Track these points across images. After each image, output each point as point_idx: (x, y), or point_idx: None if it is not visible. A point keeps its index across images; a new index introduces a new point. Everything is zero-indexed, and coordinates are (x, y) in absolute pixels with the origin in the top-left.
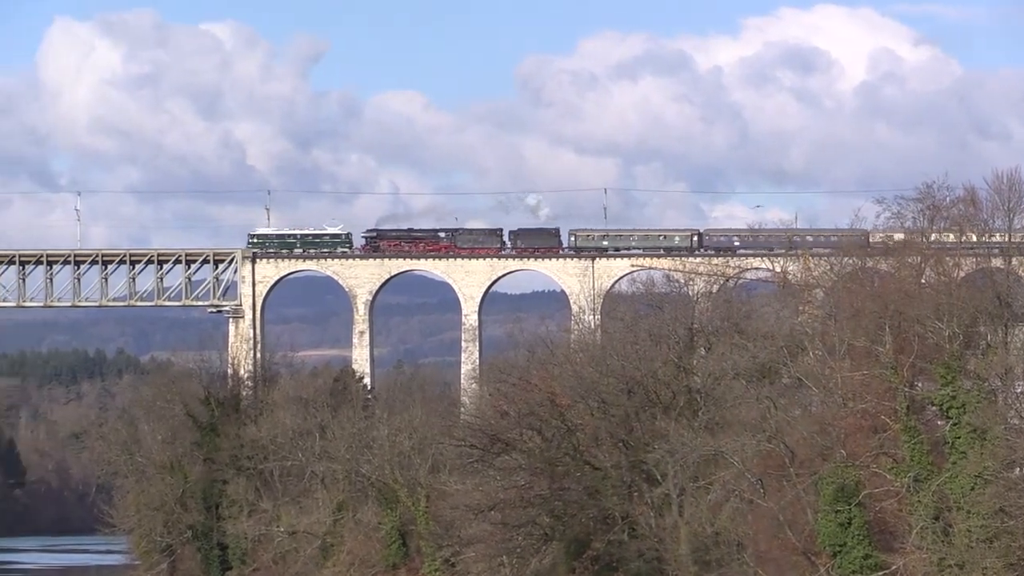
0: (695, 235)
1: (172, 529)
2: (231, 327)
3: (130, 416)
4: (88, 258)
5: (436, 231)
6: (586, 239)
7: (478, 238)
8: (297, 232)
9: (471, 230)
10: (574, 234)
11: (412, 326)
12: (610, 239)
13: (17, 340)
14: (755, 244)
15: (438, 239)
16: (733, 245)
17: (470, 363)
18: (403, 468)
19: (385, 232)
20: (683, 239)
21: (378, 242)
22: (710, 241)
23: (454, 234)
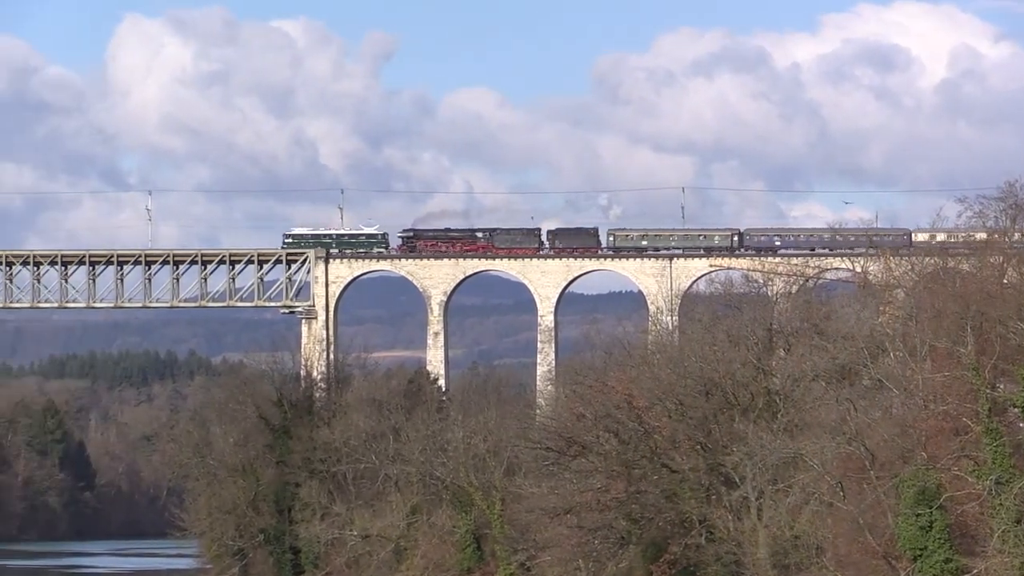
0: (735, 235)
1: (244, 533)
2: (304, 328)
3: (201, 418)
4: (159, 258)
5: (473, 231)
6: (625, 239)
7: (515, 238)
8: (333, 232)
9: (508, 230)
10: (612, 234)
11: (487, 327)
12: (649, 239)
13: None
14: (795, 244)
15: (475, 239)
16: (773, 245)
17: (546, 364)
18: (478, 471)
19: (421, 232)
20: (723, 239)
21: (414, 242)
22: (750, 241)
23: (491, 234)
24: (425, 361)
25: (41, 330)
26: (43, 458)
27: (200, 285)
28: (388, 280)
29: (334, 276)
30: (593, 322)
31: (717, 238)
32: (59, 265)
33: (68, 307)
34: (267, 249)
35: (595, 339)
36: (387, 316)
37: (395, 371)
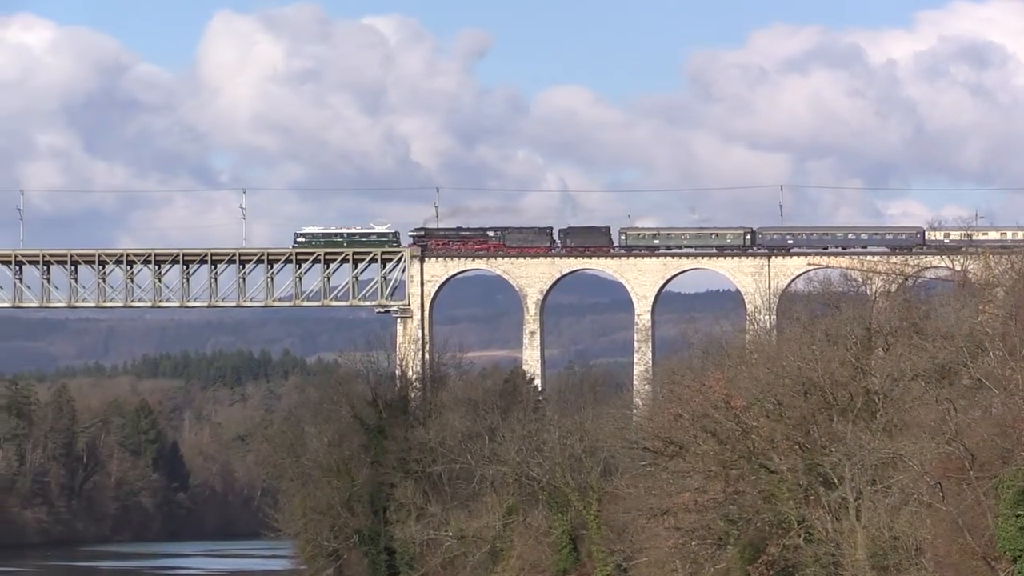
0: (748, 233)
1: (339, 533)
2: (399, 327)
3: (296, 418)
4: (253, 257)
5: (485, 230)
6: (637, 237)
7: (527, 237)
8: (344, 231)
9: (520, 229)
10: (625, 232)
11: (584, 326)
12: (661, 237)
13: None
14: (808, 243)
15: (487, 238)
16: (786, 244)
17: (643, 364)
18: (574, 471)
19: (432, 231)
20: (735, 237)
21: (426, 241)
22: (763, 239)
23: (503, 233)
24: (521, 361)
25: (134, 329)
26: (136, 458)
27: (294, 284)
28: (484, 279)
29: (429, 275)
30: (690, 321)
31: (730, 237)
32: (152, 264)
33: (161, 306)
34: (362, 248)
35: (692, 338)
36: (483, 315)
37: (491, 371)
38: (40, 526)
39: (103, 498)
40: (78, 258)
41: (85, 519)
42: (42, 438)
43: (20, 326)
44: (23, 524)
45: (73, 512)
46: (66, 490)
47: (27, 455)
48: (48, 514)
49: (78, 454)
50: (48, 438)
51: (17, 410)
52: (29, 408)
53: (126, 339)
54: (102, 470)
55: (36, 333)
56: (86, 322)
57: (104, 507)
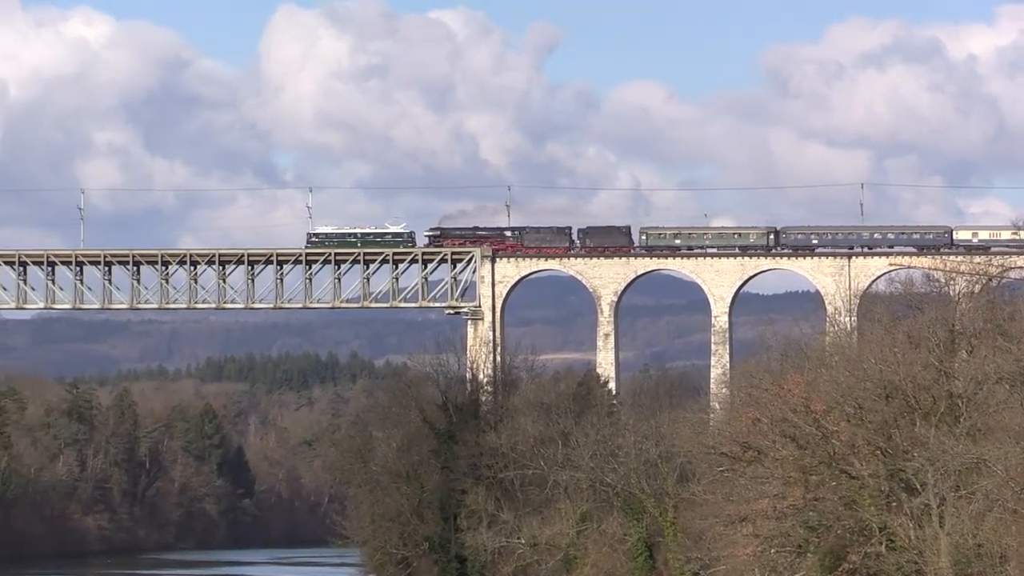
0: (771, 233)
1: (408, 541)
2: (470, 329)
3: (364, 423)
4: (320, 257)
5: (502, 229)
6: (657, 237)
7: (545, 237)
8: (357, 231)
9: (538, 228)
10: (645, 232)
11: (659, 328)
12: (682, 237)
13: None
14: (833, 243)
15: (504, 238)
16: (810, 244)
17: (720, 367)
18: (650, 477)
19: (449, 231)
20: (758, 237)
21: (441, 241)
22: (787, 239)
23: (521, 233)
24: (595, 363)
25: (198, 331)
26: (200, 464)
27: (362, 285)
28: (557, 280)
29: (501, 275)
30: (768, 323)
31: (753, 237)
32: (216, 264)
33: (226, 308)
34: (431, 248)
35: (771, 340)
36: (556, 317)
37: (564, 374)
38: (102, 533)
39: (166, 505)
40: (140, 258)
41: (148, 526)
42: (104, 443)
43: (81, 328)
44: (84, 531)
45: (135, 519)
46: (128, 496)
47: (88, 461)
48: (110, 521)
49: (140, 459)
50: (110, 443)
51: (78, 415)
52: (90, 413)
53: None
54: (165, 476)
55: (97, 335)
56: (148, 324)
57: (167, 514)
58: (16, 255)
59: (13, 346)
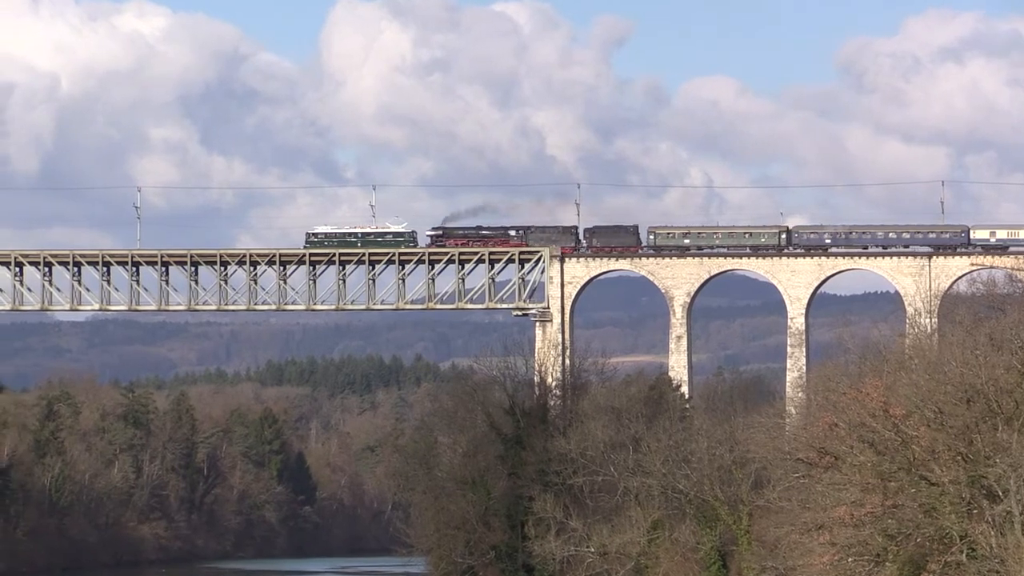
0: (784, 232)
1: (474, 549)
2: (538, 331)
3: (428, 428)
4: (383, 258)
5: (506, 229)
6: (666, 237)
7: (551, 236)
8: (358, 231)
9: (543, 228)
10: (653, 231)
11: (733, 330)
12: (692, 237)
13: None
14: (847, 242)
15: (508, 237)
16: (823, 243)
17: (796, 370)
18: (724, 483)
19: (452, 230)
20: (770, 237)
21: (444, 241)
22: (799, 239)
23: (526, 232)
24: (667, 366)
25: (258, 333)
26: (260, 470)
27: (428, 286)
28: (628, 280)
29: (570, 276)
30: (846, 325)
31: (764, 236)
32: (277, 265)
33: (287, 309)
34: (499, 247)
35: (848, 343)
36: (626, 319)
37: (635, 377)
38: (158, 542)
39: (225, 512)
40: (198, 258)
41: (205, 534)
42: (160, 449)
43: (137, 330)
44: (140, 540)
45: (193, 527)
46: (186, 504)
47: (145, 467)
48: (167, 529)
49: (198, 466)
50: (167, 449)
51: (134, 419)
52: (147, 417)
53: (249, 344)
54: (224, 483)
55: (154, 338)
56: (207, 326)
57: (226, 522)
58: (70, 255)
59: (67, 348)
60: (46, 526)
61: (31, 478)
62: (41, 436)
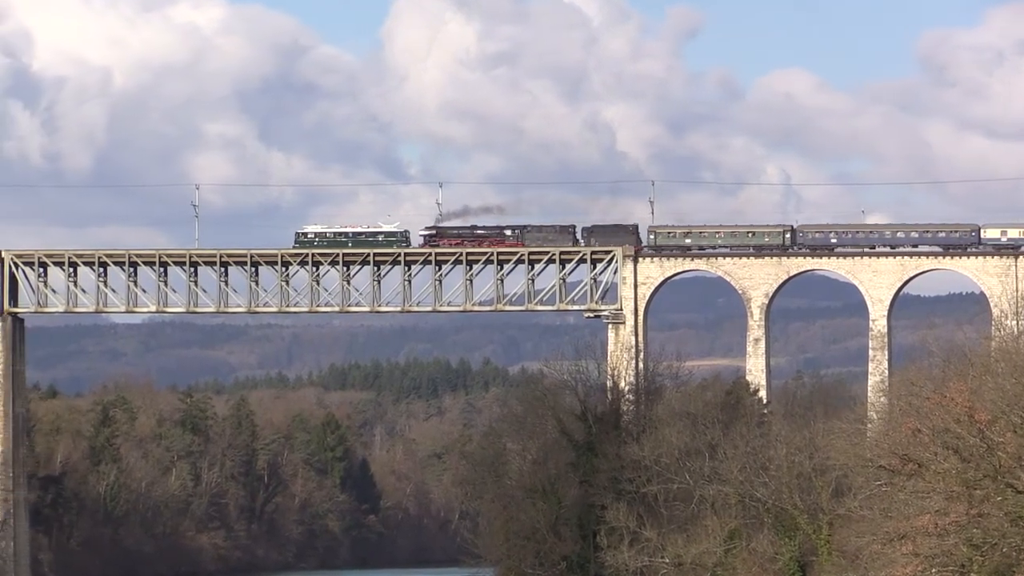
0: (788, 232)
1: (544, 560)
2: (610, 334)
3: (497, 434)
4: (450, 258)
5: (501, 228)
6: (667, 236)
7: (548, 235)
8: (349, 230)
9: (540, 227)
10: (653, 231)
11: (813, 332)
12: (693, 236)
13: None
14: (853, 242)
15: (504, 237)
16: (829, 243)
17: (878, 374)
18: (803, 492)
19: (445, 230)
20: (774, 236)
21: (437, 241)
22: (804, 239)
23: (522, 231)
24: (744, 370)
25: (320, 336)
26: (323, 478)
27: (496, 287)
28: (704, 281)
29: (644, 276)
30: (930, 327)
31: (767, 236)
32: (340, 265)
33: (350, 311)
34: (569, 247)
35: (932, 346)
36: (702, 321)
37: (711, 381)
38: (217, 552)
39: (286, 521)
40: (259, 258)
41: (266, 544)
42: (219, 456)
43: (196, 333)
44: (198, 550)
45: (253, 537)
46: (246, 512)
47: (203, 474)
48: (226, 539)
49: (259, 473)
50: (226, 456)
51: (192, 425)
52: (206, 423)
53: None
54: (285, 491)
55: (213, 341)
56: (267, 328)
57: (287, 531)
58: (126, 255)
59: (123, 352)
60: (101, 536)
61: (85, 486)
62: (96, 443)
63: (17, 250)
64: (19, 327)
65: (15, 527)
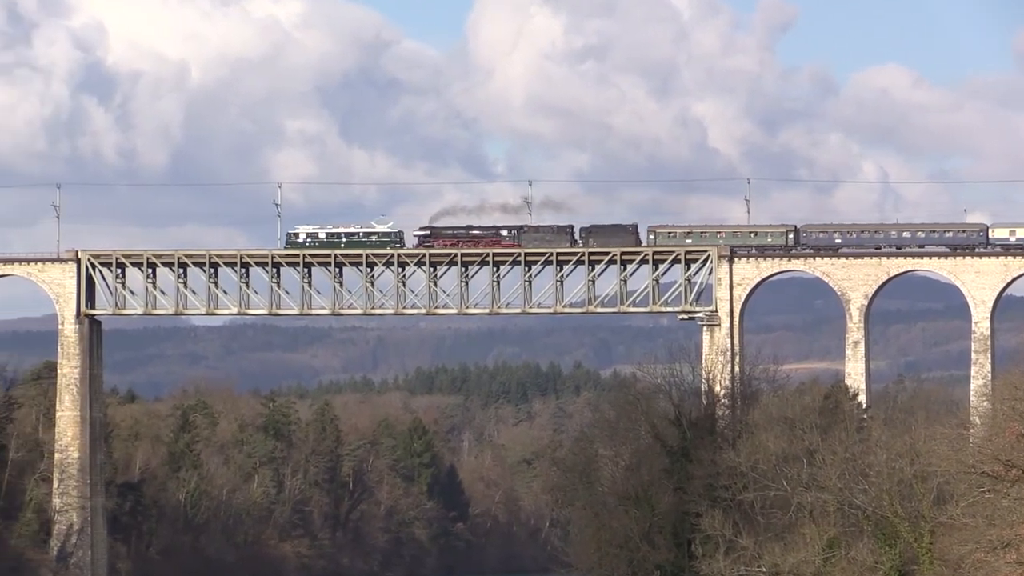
0: (791, 232)
1: (637, 569)
2: (705, 336)
3: (588, 439)
4: (540, 258)
5: (498, 228)
6: (667, 236)
7: (545, 236)
8: (342, 231)
9: (537, 227)
10: (653, 231)
11: (914, 335)
12: (694, 236)
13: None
14: (857, 242)
15: (500, 237)
16: (833, 243)
17: (981, 377)
18: (903, 499)
19: (439, 230)
20: (776, 236)
21: (432, 241)
22: (807, 239)
23: (519, 232)
24: (843, 374)
25: (406, 339)
26: (409, 485)
27: (587, 288)
28: (801, 282)
29: (739, 277)
30: None
31: (770, 236)
32: (427, 266)
33: (437, 313)
34: (663, 247)
35: None
36: (800, 323)
37: (809, 385)
38: (300, 561)
39: (372, 529)
40: (343, 259)
41: (351, 553)
42: (303, 462)
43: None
44: (281, 558)
45: (338, 545)
46: (330, 520)
47: (286, 481)
48: (310, 547)
49: (343, 480)
50: (309, 462)
51: (275, 431)
52: (289, 428)
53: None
54: (370, 498)
55: (296, 344)
56: (352, 331)
57: (372, 539)
58: (206, 255)
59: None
60: (180, 544)
61: (165, 493)
62: (176, 448)
63: (94, 250)
64: (96, 330)
65: (93, 535)
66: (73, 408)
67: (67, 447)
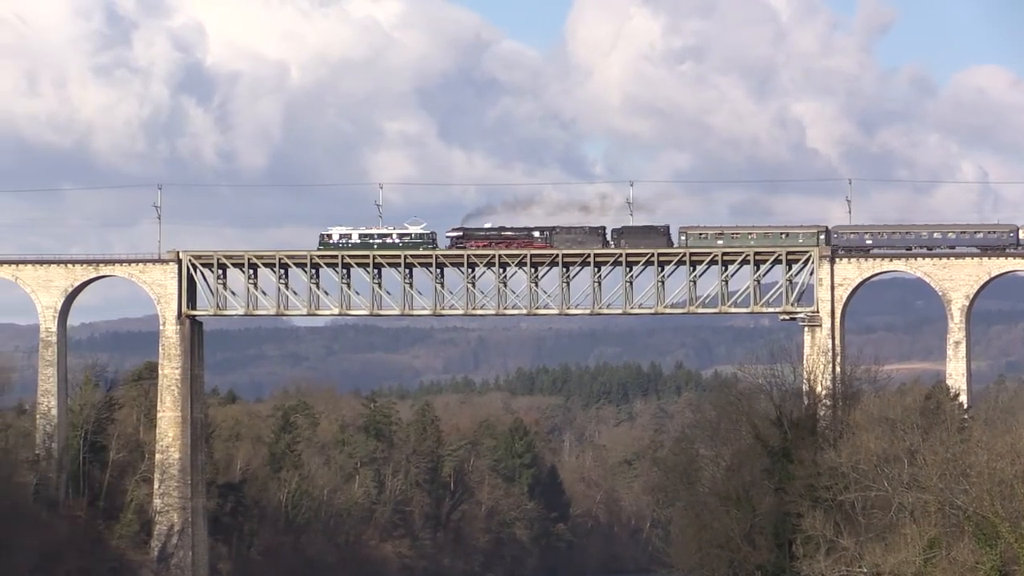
0: (822, 233)
1: (738, 569)
2: (806, 337)
3: (690, 440)
4: (641, 259)
5: (529, 230)
6: (698, 238)
7: (577, 237)
8: (375, 232)
9: (569, 229)
10: (685, 232)
11: (1016, 335)
12: (725, 238)
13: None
14: (889, 243)
15: (532, 239)
16: (864, 244)
17: None
18: (1005, 499)
19: (472, 231)
20: (808, 237)
21: (464, 242)
22: (838, 240)
23: (551, 234)
24: (944, 374)
25: (507, 340)
26: (510, 485)
27: (689, 288)
28: (903, 282)
29: (841, 278)
30: None
31: (801, 237)
32: (528, 267)
33: (538, 314)
34: (764, 247)
35: None
36: (901, 323)
37: (910, 386)
38: (401, 561)
39: (472, 530)
40: (444, 260)
41: (452, 553)
42: (404, 462)
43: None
44: (382, 559)
45: (439, 545)
46: (431, 520)
47: (387, 481)
48: (411, 547)
49: (444, 480)
50: (411, 462)
51: (376, 431)
52: (390, 429)
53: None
54: (471, 498)
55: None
56: (453, 332)
57: (474, 540)
58: (307, 256)
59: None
60: (281, 544)
61: (266, 494)
62: (277, 449)
63: (195, 251)
64: (197, 330)
65: (193, 536)
66: (174, 409)
67: (168, 447)
